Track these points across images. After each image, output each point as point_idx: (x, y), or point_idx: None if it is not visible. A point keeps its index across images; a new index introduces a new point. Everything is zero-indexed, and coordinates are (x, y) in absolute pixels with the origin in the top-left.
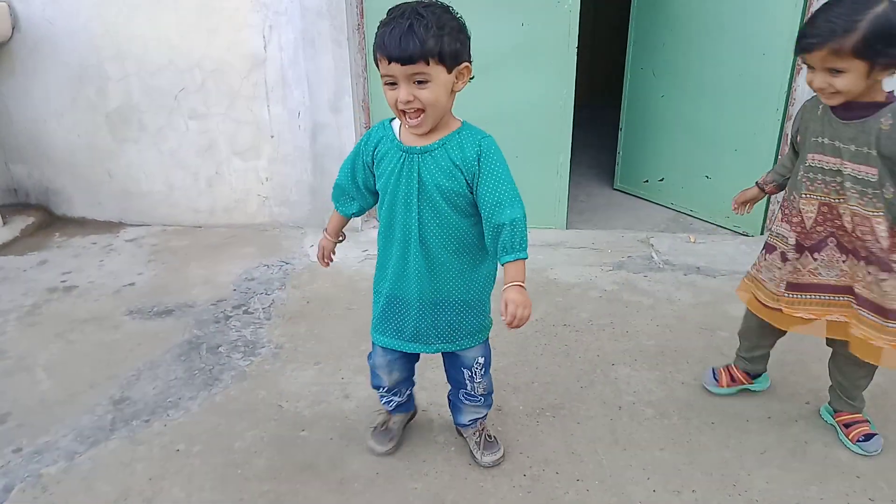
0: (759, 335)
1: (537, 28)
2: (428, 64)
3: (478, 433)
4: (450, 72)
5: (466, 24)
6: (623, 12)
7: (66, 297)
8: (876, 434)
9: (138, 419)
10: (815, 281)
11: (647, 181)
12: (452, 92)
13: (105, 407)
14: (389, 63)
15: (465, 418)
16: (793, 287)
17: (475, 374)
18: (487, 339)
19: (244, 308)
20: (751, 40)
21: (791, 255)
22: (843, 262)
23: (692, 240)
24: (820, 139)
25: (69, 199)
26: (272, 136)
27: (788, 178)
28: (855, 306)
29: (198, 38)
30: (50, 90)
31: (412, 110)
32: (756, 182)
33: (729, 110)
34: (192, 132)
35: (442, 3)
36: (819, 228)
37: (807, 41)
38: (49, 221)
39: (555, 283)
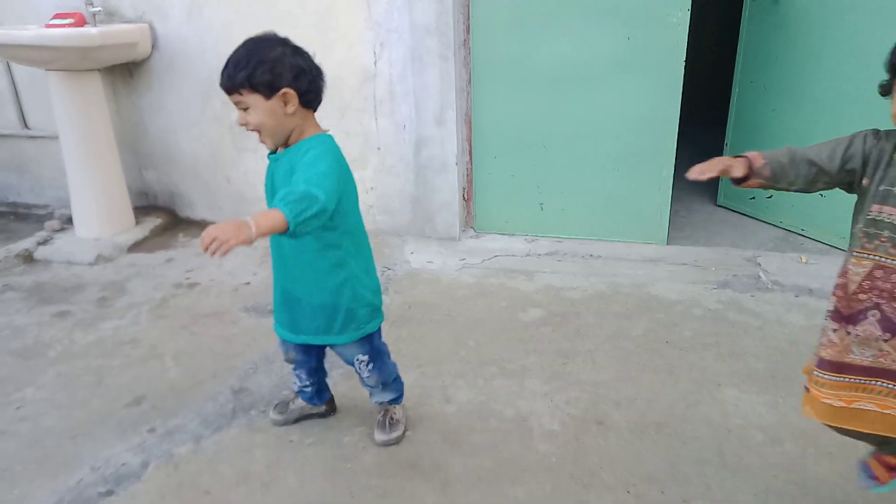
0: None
1: (643, 42)
2: (241, 94)
3: (382, 413)
4: (268, 98)
5: (303, 62)
6: (723, 24)
7: (190, 292)
8: None
9: (256, 409)
10: (846, 360)
11: (753, 198)
12: (287, 114)
13: (226, 396)
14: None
15: (373, 399)
16: (826, 366)
17: (361, 369)
18: (368, 336)
19: None
20: (877, 53)
21: (829, 324)
22: (885, 340)
23: (804, 260)
24: (894, 188)
25: (191, 203)
26: (378, 148)
27: (789, 180)
28: None
29: (314, 54)
30: (181, 103)
31: (252, 130)
32: (745, 154)
33: (846, 125)
34: None
35: (268, 37)
36: (862, 296)
37: None
38: (174, 223)
39: (656, 300)
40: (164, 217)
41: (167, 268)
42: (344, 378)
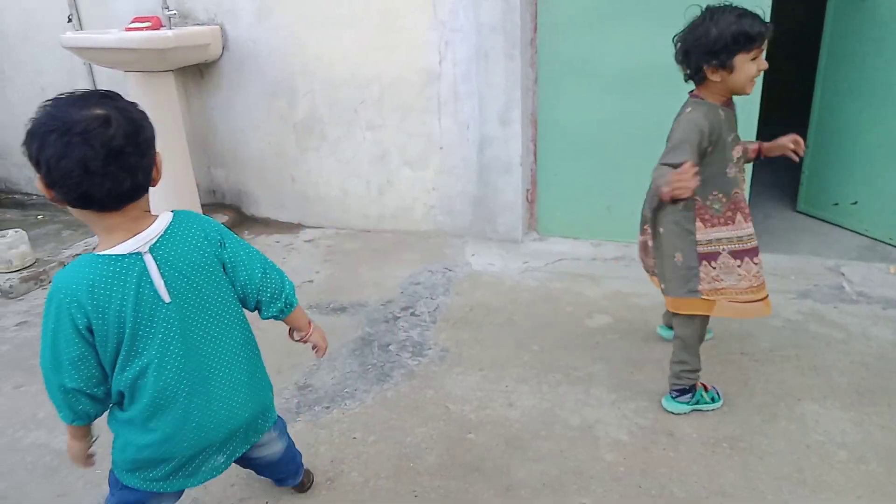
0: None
1: None
2: None
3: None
4: None
5: (49, 149)
6: (805, 20)
7: None
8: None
9: (319, 405)
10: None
11: (837, 204)
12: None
13: (291, 391)
14: None
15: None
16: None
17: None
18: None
19: (411, 310)
20: None
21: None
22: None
23: (892, 271)
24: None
25: (257, 201)
26: (441, 148)
27: None
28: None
29: (378, 54)
30: (249, 103)
31: None
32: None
33: None
34: (367, 142)
35: (53, 102)
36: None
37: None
38: (240, 220)
39: None
40: (230, 214)
41: None
42: (405, 378)
